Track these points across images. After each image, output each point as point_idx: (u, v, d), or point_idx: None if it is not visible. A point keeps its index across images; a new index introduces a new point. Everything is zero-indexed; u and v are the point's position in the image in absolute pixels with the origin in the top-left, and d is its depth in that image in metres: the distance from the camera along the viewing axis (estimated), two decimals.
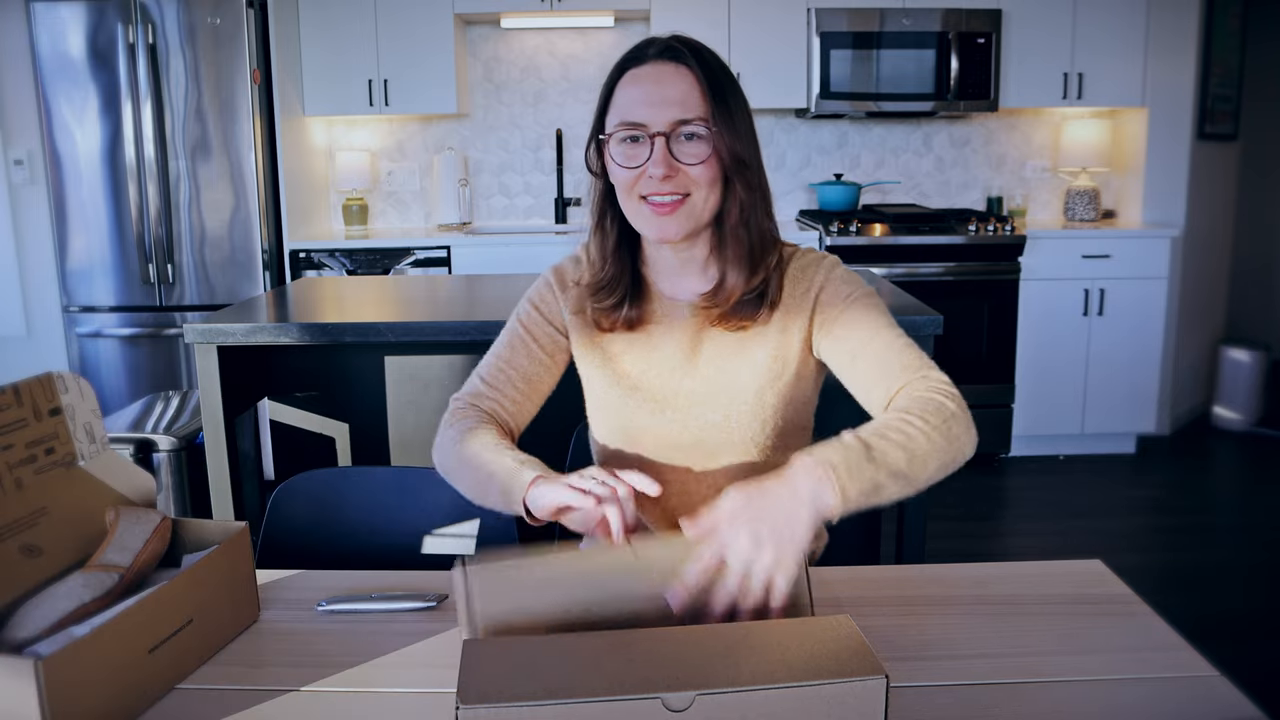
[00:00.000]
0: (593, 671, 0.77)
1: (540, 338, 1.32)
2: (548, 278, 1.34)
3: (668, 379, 1.26)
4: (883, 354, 1.17)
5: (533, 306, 1.33)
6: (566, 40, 4.37)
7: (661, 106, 1.13)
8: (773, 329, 1.24)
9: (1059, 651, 1.00)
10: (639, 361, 1.28)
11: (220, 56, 3.62)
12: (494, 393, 1.29)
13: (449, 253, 3.95)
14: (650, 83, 1.15)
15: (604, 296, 1.26)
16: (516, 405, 1.29)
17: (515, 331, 1.33)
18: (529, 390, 1.31)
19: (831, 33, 3.95)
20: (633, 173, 1.16)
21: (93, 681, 0.85)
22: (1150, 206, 4.23)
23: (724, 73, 1.18)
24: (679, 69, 1.15)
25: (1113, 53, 4.07)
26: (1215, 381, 4.60)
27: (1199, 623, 1.46)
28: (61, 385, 1.08)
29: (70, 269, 3.75)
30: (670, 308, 1.27)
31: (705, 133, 1.14)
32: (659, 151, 1.13)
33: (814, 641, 0.81)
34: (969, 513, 3.54)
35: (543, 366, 1.31)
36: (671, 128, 1.14)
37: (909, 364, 1.15)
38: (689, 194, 1.16)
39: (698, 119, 1.13)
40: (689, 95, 1.14)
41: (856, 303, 1.22)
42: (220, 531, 1.11)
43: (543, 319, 1.32)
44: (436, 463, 1.26)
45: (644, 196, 1.17)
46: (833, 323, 1.22)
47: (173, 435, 2.59)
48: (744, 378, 1.24)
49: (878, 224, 3.88)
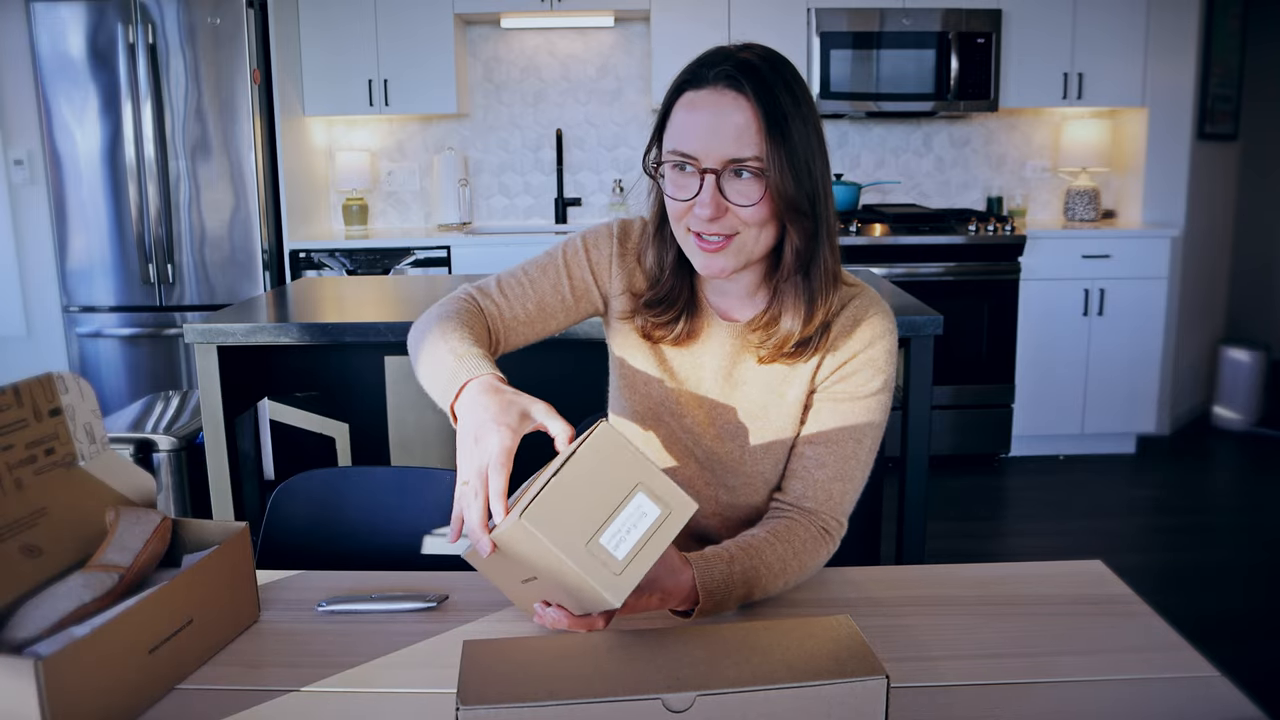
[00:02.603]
0: (593, 672, 0.77)
1: (575, 280, 1.25)
2: (611, 229, 1.26)
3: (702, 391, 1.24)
4: (832, 465, 1.18)
5: (584, 250, 1.25)
6: (566, 40, 4.37)
7: (714, 141, 1.05)
8: (809, 368, 1.19)
9: (1059, 651, 1.00)
10: (682, 368, 1.25)
11: (220, 56, 3.61)
12: (503, 300, 1.23)
13: (449, 253, 3.95)
14: (705, 111, 1.06)
15: (662, 312, 1.21)
16: (517, 324, 1.23)
17: (555, 259, 1.26)
18: (537, 316, 1.24)
19: (831, 33, 3.95)
20: (683, 204, 1.10)
21: (93, 681, 0.85)
22: (1150, 206, 4.23)
23: (790, 99, 1.06)
24: (737, 99, 1.05)
25: (1113, 53, 4.07)
26: (1215, 381, 4.60)
27: (1199, 623, 1.46)
28: (61, 385, 1.08)
29: (70, 269, 3.75)
30: (717, 325, 1.22)
31: (759, 172, 1.06)
32: (708, 191, 1.06)
33: (815, 642, 0.81)
34: (969, 513, 3.54)
35: (562, 306, 1.25)
36: (723, 165, 1.06)
37: (833, 494, 1.18)
38: (738, 232, 1.09)
39: (752, 158, 1.05)
40: (744, 131, 1.05)
41: (864, 400, 1.18)
42: (220, 531, 1.11)
43: (588, 267, 1.25)
44: (409, 336, 1.20)
45: (691, 229, 1.11)
46: (832, 400, 1.19)
47: (173, 435, 2.59)
48: (770, 413, 1.21)
49: (878, 224, 3.88)
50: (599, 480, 0.88)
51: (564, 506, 0.86)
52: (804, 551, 1.14)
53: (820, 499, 1.18)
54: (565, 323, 1.28)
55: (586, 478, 0.87)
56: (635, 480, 0.89)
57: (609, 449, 0.90)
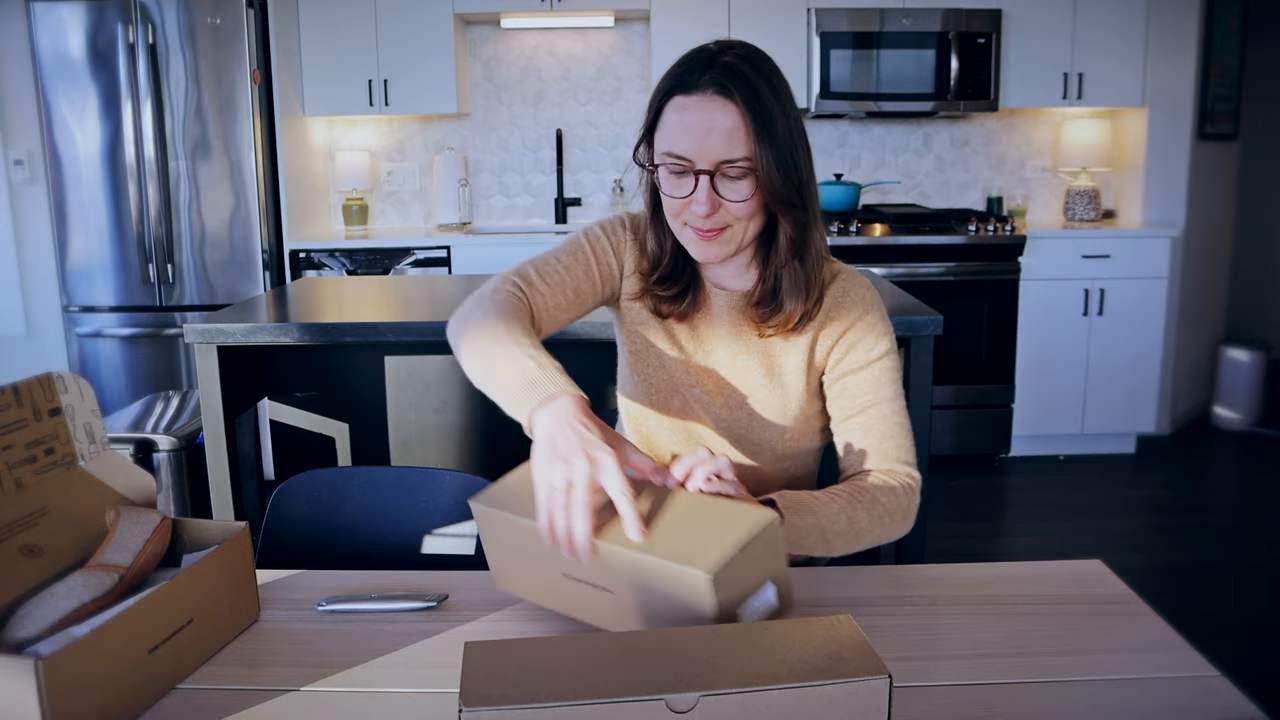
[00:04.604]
0: (596, 673, 0.77)
1: (602, 264, 1.32)
2: (624, 219, 1.35)
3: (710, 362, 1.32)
4: (876, 427, 1.26)
5: (605, 234, 1.34)
6: (566, 40, 4.37)
7: (706, 143, 1.13)
8: (804, 340, 1.28)
9: (1059, 651, 1.00)
10: (690, 341, 1.32)
11: (220, 56, 3.61)
12: (546, 289, 1.27)
13: (449, 253, 3.95)
14: (696, 116, 1.14)
15: (668, 287, 1.30)
16: (558, 309, 1.28)
17: (580, 245, 1.32)
18: (573, 301, 1.30)
19: (831, 33, 3.95)
20: (679, 201, 1.18)
21: (93, 681, 0.85)
22: (1150, 206, 4.23)
23: (773, 96, 1.14)
24: (726, 105, 1.12)
25: (1113, 53, 4.07)
26: (1215, 381, 4.60)
27: (1199, 623, 1.46)
28: (61, 385, 1.08)
29: (70, 269, 3.74)
30: (717, 297, 1.31)
31: (749, 171, 1.14)
32: (702, 190, 1.15)
33: (816, 642, 0.81)
34: (969, 513, 3.54)
35: (592, 288, 1.32)
36: (715, 166, 1.14)
37: (889, 452, 1.25)
38: (729, 225, 1.19)
39: (742, 159, 1.13)
40: (734, 133, 1.13)
41: (877, 363, 1.27)
42: (220, 531, 1.11)
43: (610, 249, 1.33)
44: (453, 325, 1.22)
45: (688, 223, 1.20)
46: (848, 373, 1.27)
47: (173, 435, 2.59)
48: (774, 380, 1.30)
49: (878, 224, 3.88)
50: (757, 564, 0.96)
51: (735, 578, 0.92)
52: (877, 489, 1.21)
53: (877, 460, 1.25)
54: (590, 307, 1.35)
55: (752, 558, 0.94)
56: (773, 573, 0.99)
57: (774, 539, 0.98)
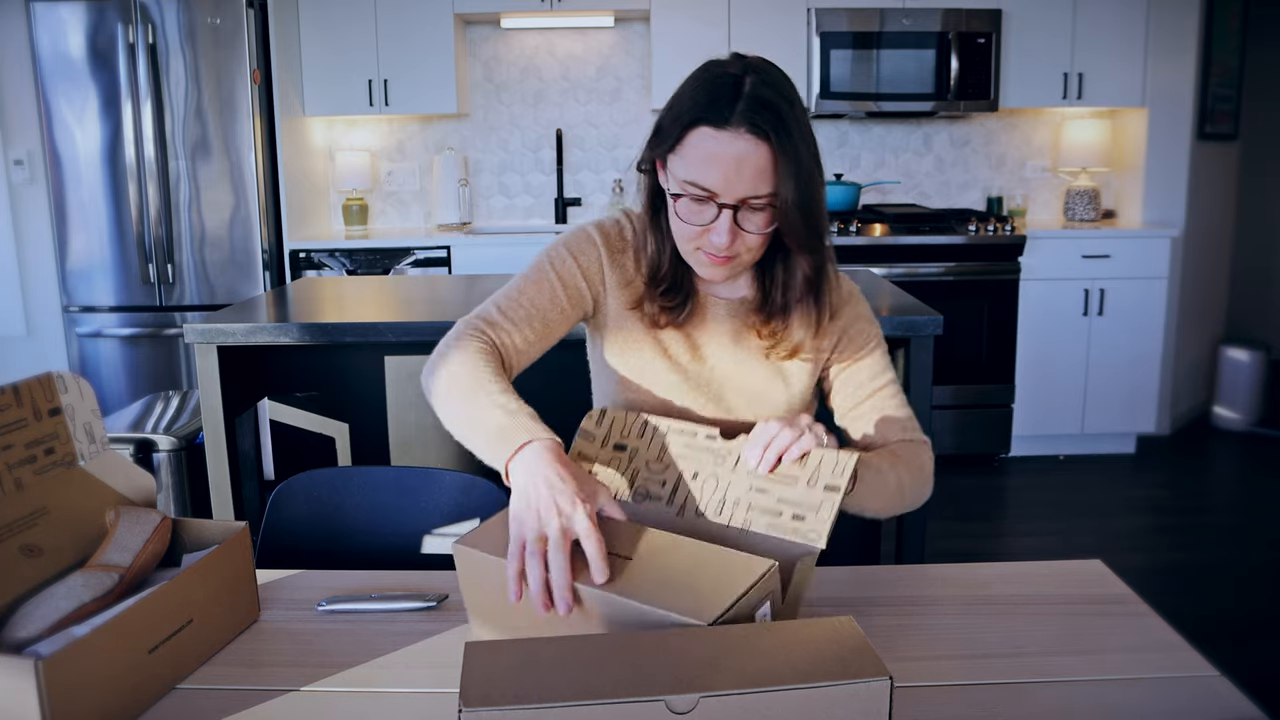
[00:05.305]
0: (596, 673, 0.77)
1: (569, 288, 1.28)
2: (593, 236, 1.30)
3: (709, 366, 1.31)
4: (883, 406, 1.30)
5: (571, 256, 1.29)
6: (566, 40, 4.37)
7: (735, 179, 1.12)
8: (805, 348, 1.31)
9: (1059, 651, 1.00)
10: (687, 351, 1.31)
11: (220, 56, 3.61)
12: (510, 326, 1.24)
13: (449, 253, 3.95)
14: (727, 151, 1.11)
15: (669, 297, 1.28)
16: (527, 345, 1.25)
17: (544, 273, 1.28)
18: (543, 334, 1.27)
19: (831, 33, 3.95)
20: (695, 228, 1.16)
21: (93, 681, 0.85)
22: (1150, 206, 4.23)
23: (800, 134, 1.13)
24: (759, 146, 1.10)
25: (1113, 53, 4.07)
26: (1215, 381, 4.60)
27: (1199, 623, 1.46)
28: (61, 385, 1.08)
29: (70, 269, 3.74)
30: (715, 305, 1.31)
31: (770, 204, 1.14)
32: (724, 222, 1.14)
33: (817, 643, 0.81)
34: (969, 513, 3.54)
35: (561, 316, 1.28)
36: (740, 201, 1.13)
37: (904, 424, 1.29)
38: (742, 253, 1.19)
39: (767, 194, 1.13)
40: (763, 172, 1.11)
41: (875, 349, 1.32)
42: (220, 531, 1.11)
43: (579, 273, 1.29)
44: (424, 379, 1.21)
45: (701, 248, 1.19)
46: (850, 364, 1.31)
47: (173, 435, 2.59)
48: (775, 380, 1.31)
49: (878, 224, 3.88)
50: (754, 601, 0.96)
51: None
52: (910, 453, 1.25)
53: (897, 432, 1.29)
54: (563, 332, 1.31)
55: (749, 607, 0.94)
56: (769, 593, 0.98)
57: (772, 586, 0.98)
